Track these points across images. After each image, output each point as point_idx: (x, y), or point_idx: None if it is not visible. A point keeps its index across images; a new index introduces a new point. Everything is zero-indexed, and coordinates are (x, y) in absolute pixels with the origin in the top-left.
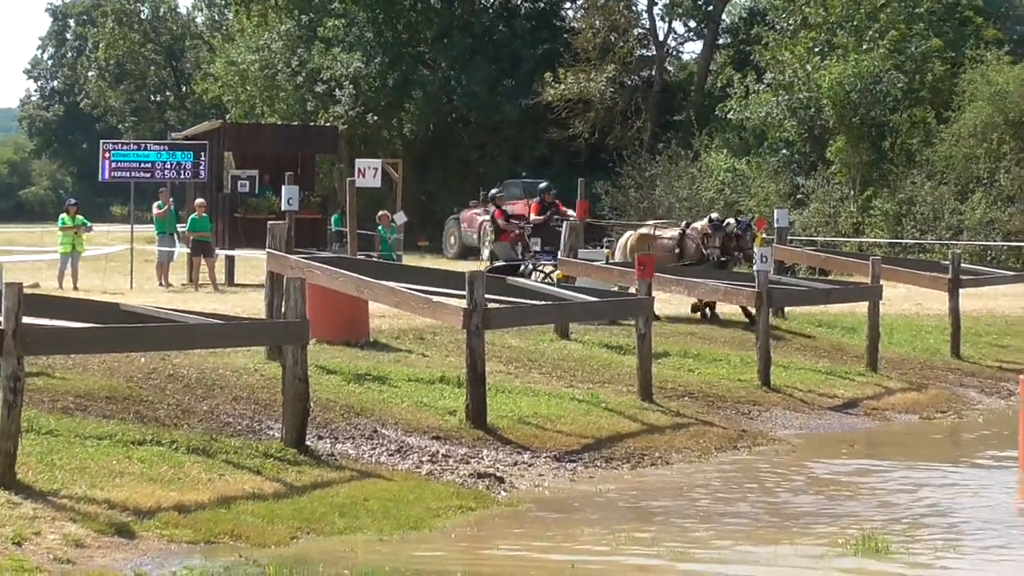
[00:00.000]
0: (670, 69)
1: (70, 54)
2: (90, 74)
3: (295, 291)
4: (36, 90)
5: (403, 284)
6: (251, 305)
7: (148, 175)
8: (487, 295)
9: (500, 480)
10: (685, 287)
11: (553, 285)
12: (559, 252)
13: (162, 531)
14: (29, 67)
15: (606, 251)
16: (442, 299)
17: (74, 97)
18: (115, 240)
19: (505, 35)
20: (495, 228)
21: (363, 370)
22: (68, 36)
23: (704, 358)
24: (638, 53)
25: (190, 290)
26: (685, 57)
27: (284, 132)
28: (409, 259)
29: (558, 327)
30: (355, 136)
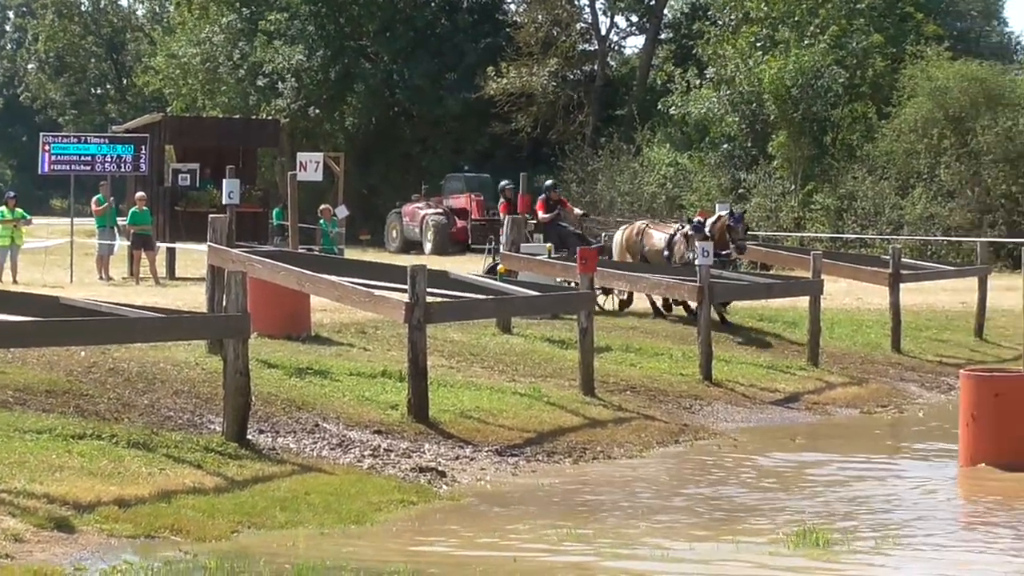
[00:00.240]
0: (612, 64)
1: (9, 46)
2: (30, 66)
3: (236, 285)
4: None
5: (345, 278)
6: (192, 299)
7: (88, 168)
8: (429, 289)
9: (442, 474)
10: (627, 281)
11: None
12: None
13: (102, 525)
14: None
15: (548, 245)
16: (384, 293)
17: (14, 90)
18: (55, 233)
19: (448, 29)
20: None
21: (305, 364)
22: (7, 28)
23: (646, 352)
24: (580, 48)
25: (131, 284)
26: (627, 52)
27: (225, 125)
28: (351, 253)
29: (500, 321)
30: (297, 129)
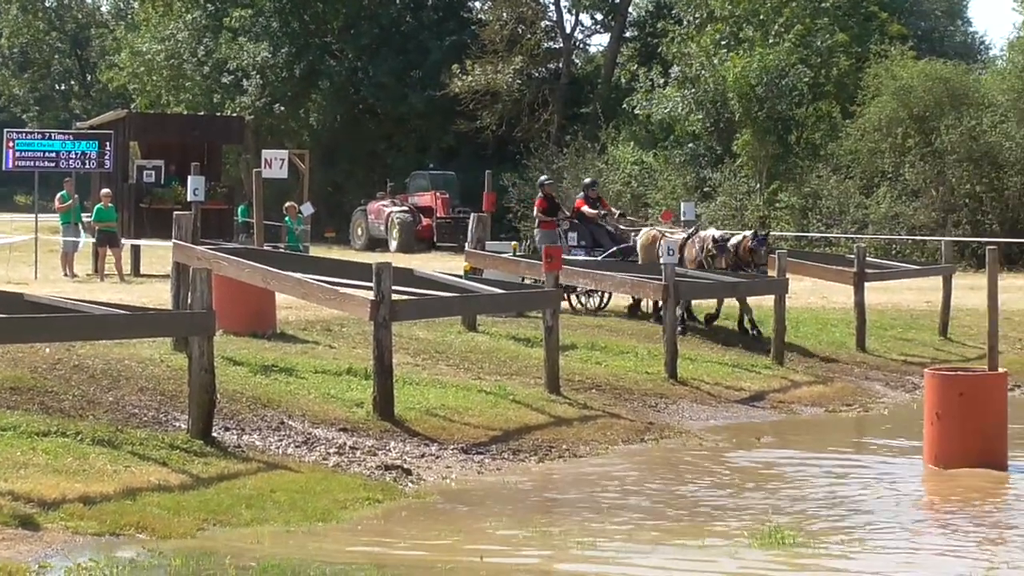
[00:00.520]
0: (577, 62)
1: None
2: None
3: (201, 282)
4: None
5: (310, 275)
6: (157, 296)
7: (53, 165)
8: (394, 287)
9: (407, 472)
10: (592, 279)
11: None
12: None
13: (67, 523)
14: None
15: (514, 244)
16: (349, 291)
17: None
18: (19, 230)
19: (412, 26)
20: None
21: (270, 361)
22: None
23: (611, 350)
24: (545, 45)
25: (95, 280)
26: (592, 50)
27: (190, 122)
28: (316, 250)
29: (466, 319)
30: (262, 126)
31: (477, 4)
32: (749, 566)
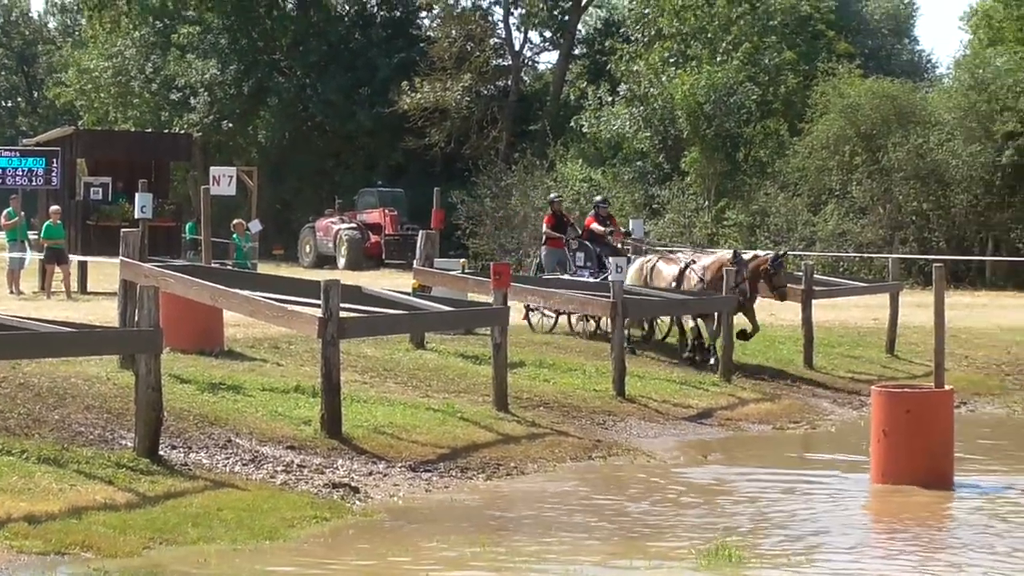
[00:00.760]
0: (526, 79)
1: None
2: None
3: (149, 299)
4: None
5: (258, 293)
6: (104, 313)
7: None
8: (343, 304)
9: (355, 490)
10: (541, 296)
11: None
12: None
13: (11, 542)
14: None
15: (462, 261)
16: (297, 308)
17: None
18: None
19: (361, 43)
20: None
21: (217, 379)
22: None
23: (559, 368)
24: (494, 63)
25: (42, 298)
26: (541, 67)
27: (138, 139)
28: (264, 268)
29: (414, 337)
30: (210, 143)
31: (426, 21)
32: None
